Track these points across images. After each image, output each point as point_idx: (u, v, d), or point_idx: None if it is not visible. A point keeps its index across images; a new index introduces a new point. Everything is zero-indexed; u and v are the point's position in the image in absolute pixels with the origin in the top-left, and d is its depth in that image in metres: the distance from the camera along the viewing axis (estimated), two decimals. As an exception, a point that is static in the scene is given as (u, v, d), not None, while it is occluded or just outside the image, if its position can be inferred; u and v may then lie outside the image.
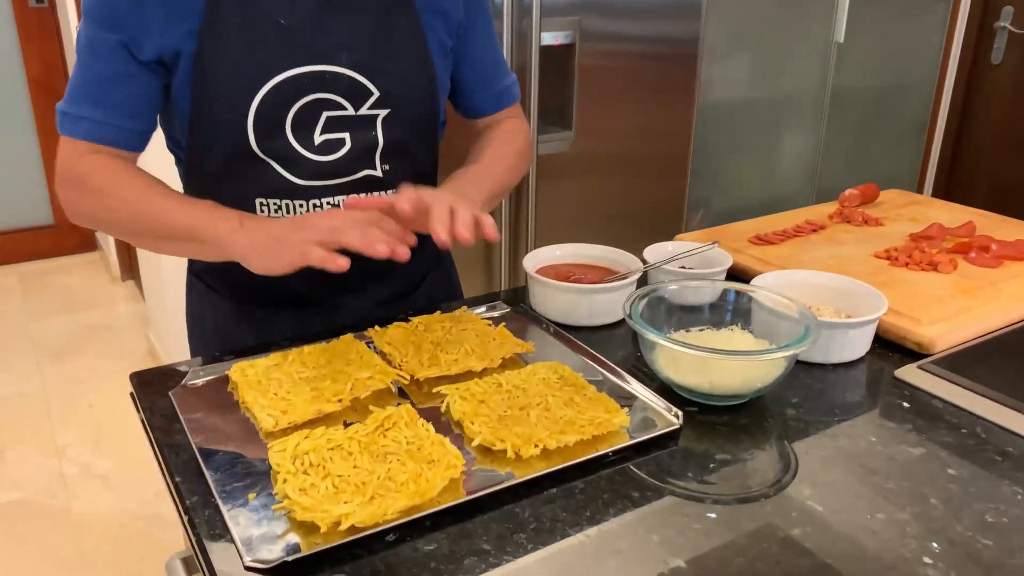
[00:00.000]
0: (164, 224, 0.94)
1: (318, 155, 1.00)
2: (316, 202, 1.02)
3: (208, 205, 0.94)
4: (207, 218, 0.92)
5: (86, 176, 0.97)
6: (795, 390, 0.93)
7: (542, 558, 0.67)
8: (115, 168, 0.96)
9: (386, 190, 1.06)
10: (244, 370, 0.92)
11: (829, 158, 3.10)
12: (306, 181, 1.01)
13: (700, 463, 0.80)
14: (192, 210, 0.93)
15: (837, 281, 1.07)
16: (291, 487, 0.71)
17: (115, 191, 0.96)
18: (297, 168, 1.00)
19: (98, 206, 0.97)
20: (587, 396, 0.87)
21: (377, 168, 1.04)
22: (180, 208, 0.94)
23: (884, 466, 0.80)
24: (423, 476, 0.73)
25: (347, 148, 1.01)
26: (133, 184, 0.96)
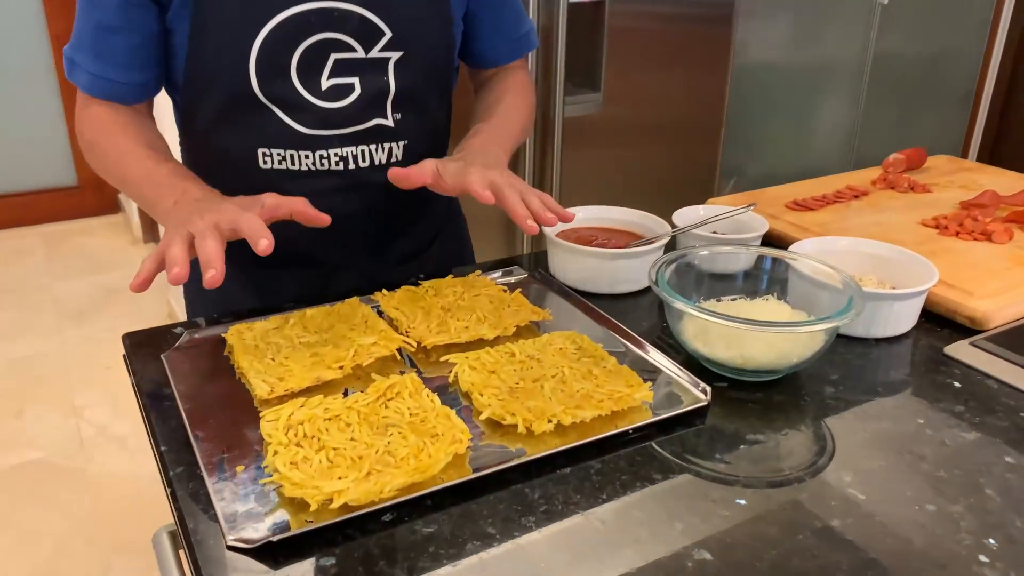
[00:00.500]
0: (134, 193, 0.93)
1: (325, 101, 0.94)
2: (323, 153, 0.96)
3: (162, 177, 0.88)
4: (155, 194, 0.87)
5: (84, 128, 0.96)
6: (834, 366, 0.86)
7: (552, 544, 0.61)
8: (108, 123, 0.94)
9: (397, 141, 1.00)
10: (241, 333, 0.86)
11: (868, 126, 2.97)
12: (312, 130, 0.94)
13: (729, 443, 0.73)
14: (149, 182, 0.89)
15: (882, 249, 0.99)
16: (281, 460, 0.66)
17: (103, 150, 0.94)
18: (302, 115, 0.94)
19: (94, 160, 0.96)
20: (607, 369, 0.81)
21: (388, 117, 0.97)
22: (142, 179, 0.90)
23: (934, 452, 0.72)
24: (425, 451, 0.67)
25: (356, 94, 0.94)
26: (115, 144, 0.93)
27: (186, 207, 0.81)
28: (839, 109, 2.94)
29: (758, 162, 2.87)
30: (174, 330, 0.89)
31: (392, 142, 0.99)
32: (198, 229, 0.75)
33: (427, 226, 1.14)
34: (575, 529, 0.62)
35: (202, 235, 0.75)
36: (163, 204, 0.85)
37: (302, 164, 0.96)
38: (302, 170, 0.96)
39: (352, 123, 0.96)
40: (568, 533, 0.62)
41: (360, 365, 0.81)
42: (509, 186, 0.86)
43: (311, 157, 0.96)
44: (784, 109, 2.84)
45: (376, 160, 0.99)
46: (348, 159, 0.97)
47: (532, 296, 0.98)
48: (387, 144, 0.99)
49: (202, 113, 0.95)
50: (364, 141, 0.97)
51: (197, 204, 0.81)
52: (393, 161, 1.00)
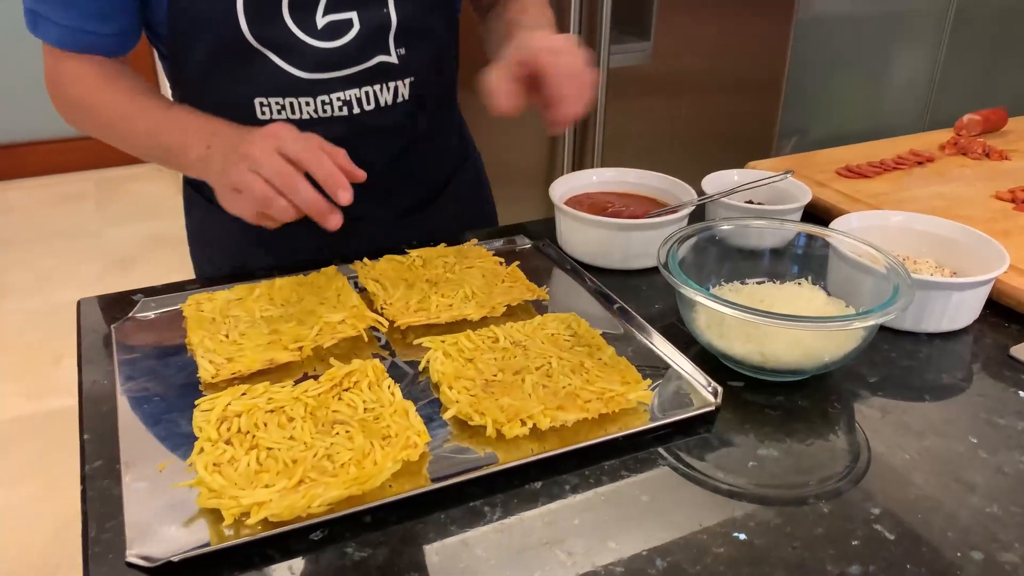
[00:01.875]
0: (142, 147, 0.86)
1: (322, 41, 0.84)
2: (324, 98, 0.87)
3: (182, 120, 0.81)
4: (179, 141, 0.80)
5: (65, 85, 0.87)
6: (874, 365, 0.73)
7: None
8: (93, 77, 0.85)
9: (403, 79, 0.90)
10: (200, 304, 0.78)
11: (947, 83, 2.73)
12: (310, 74, 0.86)
13: (737, 458, 0.62)
14: (166, 129, 0.82)
15: (942, 227, 0.84)
16: (203, 460, 0.57)
17: (92, 105, 0.86)
18: (298, 58, 0.85)
19: (81, 119, 0.88)
20: (602, 361, 0.70)
21: (391, 53, 0.88)
22: (155, 128, 0.83)
23: (987, 481, 0.60)
24: (370, 457, 0.58)
25: (355, 31, 0.85)
26: (109, 98, 0.85)
27: (231, 149, 0.73)
28: (915, 63, 2.70)
29: (822, 121, 2.67)
30: (134, 297, 0.81)
31: (397, 80, 0.90)
32: (275, 171, 0.70)
33: (438, 167, 1.04)
34: (533, 562, 0.52)
35: (288, 179, 0.69)
36: (193, 151, 0.78)
37: (303, 112, 0.87)
38: (303, 119, 0.88)
39: (353, 63, 0.87)
40: (525, 565, 0.52)
41: (322, 346, 0.72)
42: None
43: (312, 104, 0.87)
44: (853, 63, 2.62)
45: (382, 101, 0.90)
46: (352, 103, 0.89)
47: (533, 270, 0.87)
48: (392, 83, 0.90)
49: (191, 63, 0.87)
50: (368, 82, 0.88)
51: (247, 142, 0.72)
52: (400, 101, 0.91)
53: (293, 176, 0.70)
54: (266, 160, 0.70)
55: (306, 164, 0.70)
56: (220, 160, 0.75)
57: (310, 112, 0.88)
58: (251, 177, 0.70)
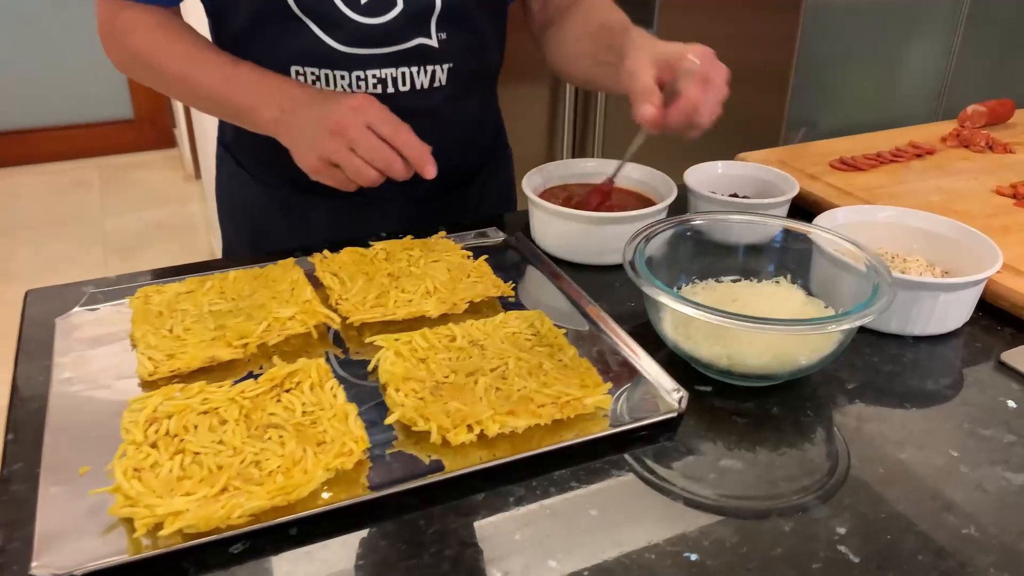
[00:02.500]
0: (209, 104, 0.86)
1: (364, 17, 0.83)
2: (359, 74, 0.86)
3: (249, 79, 0.82)
4: (249, 101, 0.81)
5: (124, 35, 0.86)
6: (854, 369, 0.69)
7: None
8: (153, 27, 0.85)
9: (441, 64, 0.88)
10: (149, 297, 0.74)
11: (961, 74, 2.66)
12: (349, 48, 0.85)
13: (698, 469, 0.58)
14: (234, 87, 0.82)
15: (935, 223, 0.80)
16: (123, 465, 0.54)
17: (155, 58, 0.85)
18: (339, 31, 0.84)
19: (140, 72, 0.88)
20: (562, 363, 0.66)
21: (432, 36, 0.86)
22: (222, 84, 0.83)
23: (966, 499, 0.55)
24: (300, 465, 0.54)
25: (398, 10, 0.84)
26: (172, 51, 0.85)
27: (317, 121, 0.75)
28: (928, 55, 2.63)
29: (832, 113, 2.60)
30: (84, 288, 0.78)
31: (436, 64, 0.88)
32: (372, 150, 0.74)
33: (472, 159, 1.02)
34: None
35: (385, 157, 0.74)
36: (266, 112, 0.80)
37: (337, 85, 0.87)
38: (337, 92, 0.86)
39: (392, 42, 0.85)
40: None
41: (266, 344, 0.68)
42: None
43: (347, 78, 0.86)
44: (864, 54, 2.55)
45: (418, 84, 0.89)
46: (387, 81, 0.87)
47: (503, 264, 0.83)
48: (430, 67, 0.88)
49: (232, 24, 0.88)
50: (405, 63, 0.87)
51: (335, 114, 0.75)
52: (437, 85, 0.89)
53: (389, 154, 0.74)
54: (361, 139, 0.74)
55: (397, 144, 0.75)
56: (303, 128, 0.77)
57: (344, 86, 0.87)
58: (348, 155, 0.74)
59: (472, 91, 0.95)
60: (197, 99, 0.88)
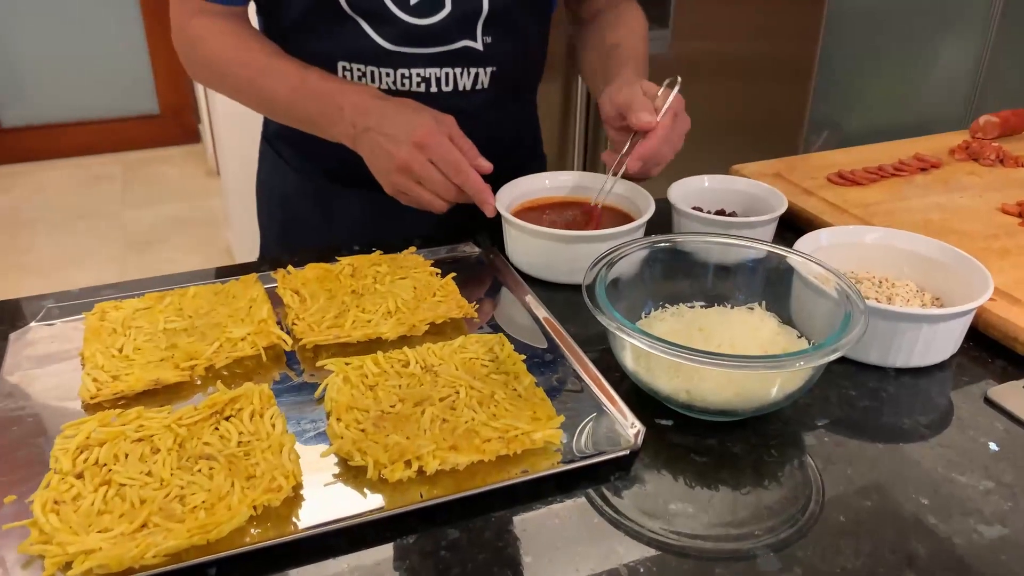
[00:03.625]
0: (281, 112, 0.88)
1: (413, 16, 0.84)
2: (404, 72, 0.87)
3: (320, 89, 0.83)
4: (320, 112, 0.83)
5: (196, 42, 0.88)
6: (827, 404, 0.65)
7: (349, 652, 0.45)
8: (225, 34, 0.87)
9: (484, 66, 0.89)
10: (105, 312, 0.73)
11: (994, 76, 2.57)
12: (396, 46, 0.86)
13: (648, 511, 0.55)
14: (303, 97, 0.84)
15: (924, 246, 0.75)
16: (43, 497, 0.52)
17: (226, 66, 0.87)
18: (387, 29, 0.85)
19: (211, 78, 0.90)
20: (516, 392, 0.63)
21: (478, 39, 0.87)
22: (291, 94, 0.84)
23: (931, 553, 0.52)
24: (225, 501, 0.52)
25: (446, 11, 0.86)
26: (242, 59, 0.86)
27: (384, 148, 0.78)
28: (960, 55, 2.55)
29: (857, 116, 2.53)
30: (43, 303, 0.77)
31: (479, 67, 0.90)
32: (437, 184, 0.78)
33: (508, 163, 0.99)
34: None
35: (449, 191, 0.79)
36: (336, 127, 0.82)
37: (382, 82, 0.88)
38: (381, 88, 0.87)
39: (438, 42, 0.87)
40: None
41: (213, 366, 0.67)
42: None
43: (392, 75, 0.88)
44: (891, 52, 2.47)
45: (460, 85, 0.90)
46: (431, 80, 0.89)
47: (473, 281, 0.80)
48: (473, 69, 0.90)
49: (283, 19, 0.89)
50: (449, 63, 0.88)
51: (399, 147, 0.78)
52: (479, 88, 0.91)
53: (449, 187, 0.79)
54: (425, 173, 0.78)
55: (456, 180, 0.78)
56: (373, 155, 0.80)
57: (388, 83, 0.88)
58: (416, 188, 0.79)
59: (513, 95, 0.97)
60: (270, 108, 0.90)
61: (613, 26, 0.99)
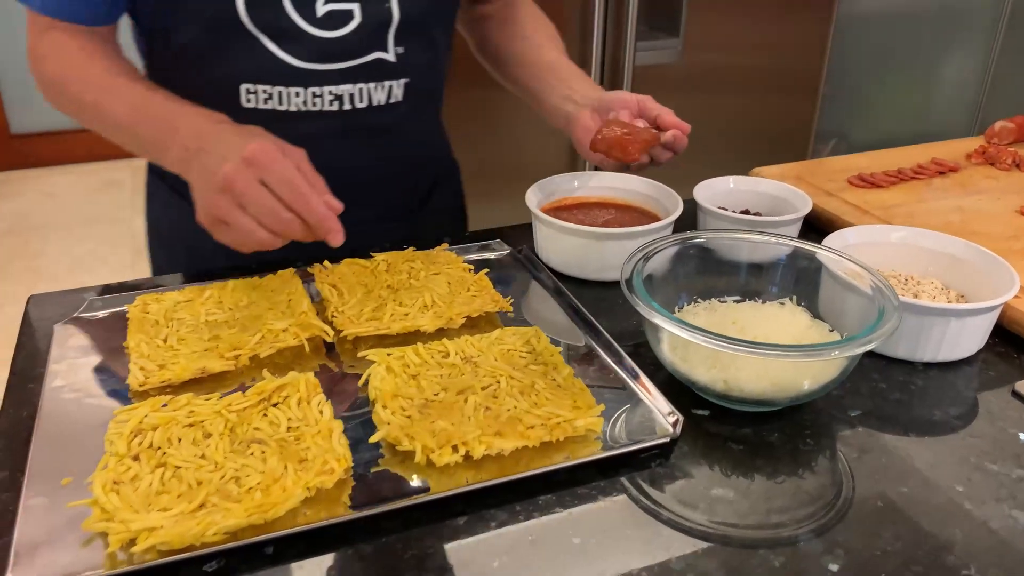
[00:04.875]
0: (118, 136, 0.79)
1: (321, 30, 0.81)
2: (315, 90, 0.83)
3: (159, 113, 0.74)
4: (156, 136, 0.74)
5: (44, 61, 0.81)
6: (859, 396, 0.67)
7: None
8: (72, 51, 0.80)
9: (398, 79, 0.87)
10: (147, 305, 0.74)
11: (999, 87, 2.60)
12: (304, 63, 0.82)
13: (689, 497, 0.56)
14: (143, 118, 0.75)
15: (949, 245, 0.77)
16: (103, 478, 0.53)
17: (70, 85, 0.80)
18: (295, 46, 0.81)
19: (58, 99, 0.82)
20: (555, 382, 0.64)
21: (389, 50, 0.85)
22: (131, 114, 0.76)
23: (968, 538, 0.53)
24: (280, 482, 0.53)
25: (356, 22, 0.82)
26: (87, 77, 0.79)
27: (210, 169, 0.65)
28: (965, 65, 2.57)
29: (863, 125, 2.55)
30: (84, 295, 0.78)
31: (393, 80, 0.87)
32: (262, 208, 0.64)
33: (425, 178, 1.01)
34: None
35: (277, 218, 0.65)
36: (172, 151, 0.72)
37: (292, 103, 0.84)
38: (291, 110, 0.84)
39: (350, 56, 0.83)
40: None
41: (258, 355, 0.68)
42: None
43: (302, 95, 0.84)
44: (898, 63, 2.50)
45: (375, 100, 0.87)
46: (344, 98, 0.85)
47: (505, 278, 0.82)
48: (387, 82, 0.87)
49: (174, 42, 0.83)
50: (362, 78, 0.85)
51: (225, 163, 0.64)
52: (392, 101, 0.88)
53: (281, 214, 0.65)
54: (251, 193, 0.64)
55: (294, 206, 0.65)
56: (197, 177, 0.68)
57: (299, 104, 0.84)
58: (236, 213, 0.64)
59: (426, 107, 0.96)
60: (112, 132, 0.79)
61: (531, 37, 0.98)
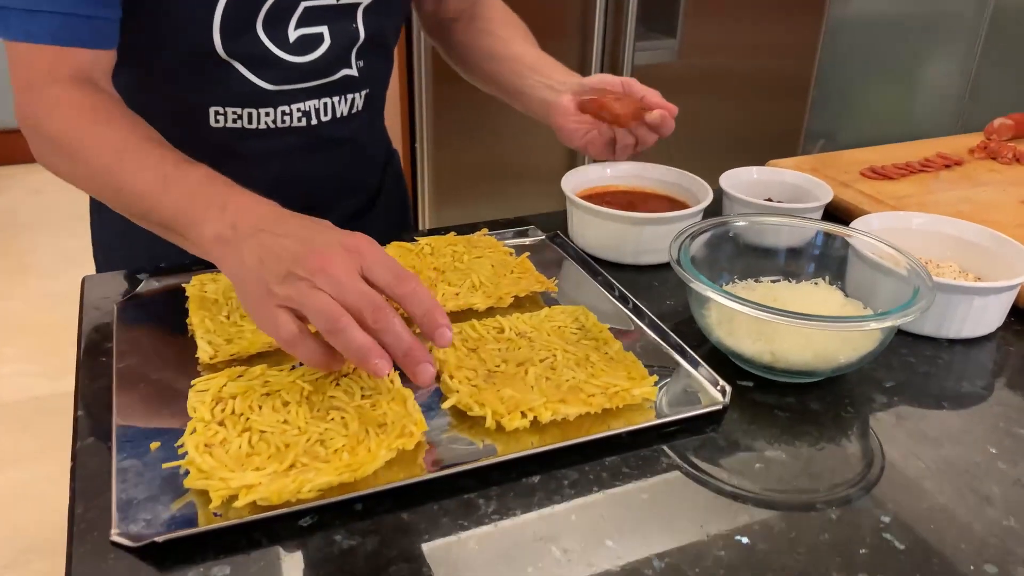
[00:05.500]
0: (136, 205, 0.68)
1: (292, 55, 0.83)
2: (285, 109, 0.85)
3: (194, 186, 0.65)
4: (189, 210, 0.64)
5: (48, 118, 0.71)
6: (891, 369, 0.71)
7: (497, 574, 0.50)
8: (81, 107, 0.71)
9: (360, 90, 0.90)
10: (204, 284, 0.77)
11: (981, 90, 2.68)
12: (276, 86, 0.84)
13: (743, 460, 0.60)
14: (173, 189, 0.65)
15: (967, 231, 0.82)
16: (194, 441, 0.56)
17: (79, 146, 0.70)
18: (267, 71, 0.82)
19: (63, 164, 0.73)
20: (608, 356, 0.68)
21: (353, 66, 0.88)
22: (157, 184, 0.66)
23: (1006, 493, 0.57)
24: (364, 444, 0.56)
25: (326, 45, 0.84)
26: (103, 137, 0.69)
27: (288, 254, 0.57)
28: (948, 68, 2.66)
29: (851, 126, 2.62)
30: (137, 276, 0.80)
31: (355, 92, 0.90)
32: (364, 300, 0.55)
33: (372, 173, 1.04)
34: (527, 557, 0.51)
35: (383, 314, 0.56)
36: (209, 226, 0.62)
37: (261, 122, 0.85)
38: (260, 128, 0.86)
39: (320, 76, 0.86)
40: (518, 561, 0.50)
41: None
42: None
43: (272, 114, 0.85)
44: (884, 66, 2.57)
45: (338, 112, 0.90)
46: (311, 113, 0.87)
47: (543, 262, 0.85)
48: (350, 95, 0.90)
49: (145, 66, 0.81)
50: (328, 93, 0.88)
51: (318, 252, 0.56)
52: (354, 112, 0.91)
53: (387, 311, 0.55)
54: (350, 283, 0.55)
55: (401, 296, 0.57)
56: (266, 257, 0.57)
57: (268, 122, 0.86)
58: (324, 299, 0.54)
59: (381, 112, 0.99)
60: (124, 202, 0.69)
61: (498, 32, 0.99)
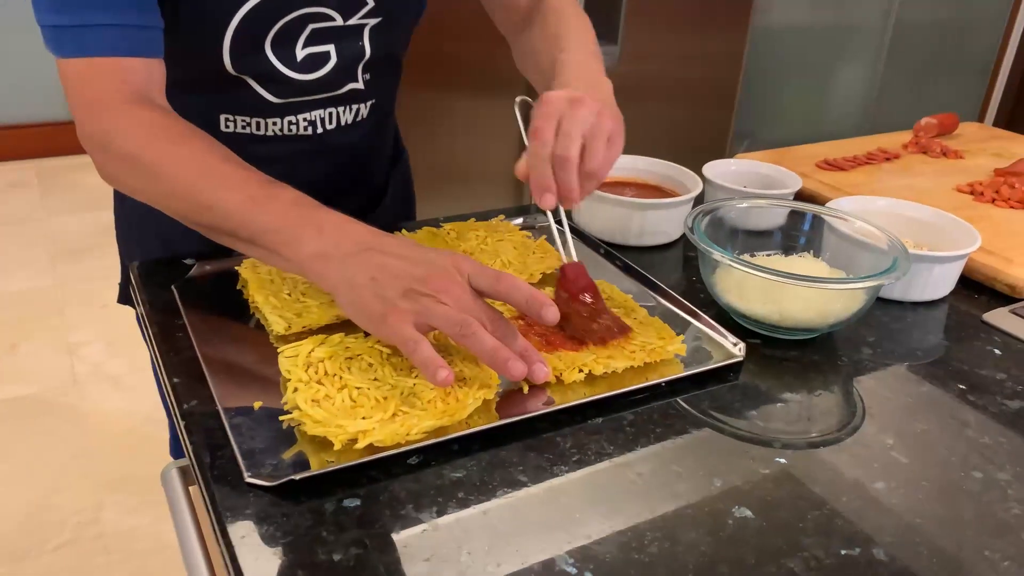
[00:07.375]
0: (221, 221, 0.69)
1: (300, 73, 0.87)
2: (291, 119, 0.90)
3: (286, 205, 0.68)
4: (285, 227, 0.67)
5: (123, 134, 0.71)
6: (870, 328, 0.83)
7: (587, 494, 0.58)
8: (154, 126, 0.72)
9: (365, 102, 0.95)
10: (256, 266, 0.82)
11: (886, 94, 2.92)
12: (283, 99, 0.88)
13: (764, 401, 0.70)
14: (264, 208, 0.68)
15: (921, 212, 0.95)
16: (302, 397, 0.62)
17: (159, 164, 0.71)
18: (276, 87, 0.87)
19: (134, 179, 0.74)
20: (638, 320, 0.77)
21: (359, 80, 0.93)
22: (247, 204, 0.68)
23: (977, 419, 0.70)
24: (452, 395, 0.64)
25: (332, 63, 0.88)
26: (180, 155, 0.71)
27: (406, 276, 0.63)
28: (857, 75, 2.88)
29: (770, 127, 2.81)
30: (184, 261, 0.85)
31: (361, 103, 0.94)
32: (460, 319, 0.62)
33: (379, 172, 1.08)
34: (610, 480, 0.60)
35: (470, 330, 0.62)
36: (308, 244, 0.65)
37: (268, 130, 0.90)
38: (267, 135, 0.91)
39: (326, 90, 0.90)
40: (603, 484, 0.59)
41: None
42: None
43: (279, 123, 0.90)
44: (801, 73, 2.78)
45: (343, 121, 0.94)
46: (316, 123, 0.92)
47: (556, 244, 0.94)
48: (355, 105, 0.94)
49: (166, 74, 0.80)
50: (334, 104, 0.92)
51: (433, 275, 0.63)
52: (359, 120, 0.96)
53: (503, 320, 0.65)
54: (468, 299, 0.63)
55: (504, 291, 0.64)
56: (381, 277, 0.63)
57: (275, 131, 0.90)
58: (451, 310, 0.62)
59: (389, 117, 1.03)
60: (209, 219, 0.70)
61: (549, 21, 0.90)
